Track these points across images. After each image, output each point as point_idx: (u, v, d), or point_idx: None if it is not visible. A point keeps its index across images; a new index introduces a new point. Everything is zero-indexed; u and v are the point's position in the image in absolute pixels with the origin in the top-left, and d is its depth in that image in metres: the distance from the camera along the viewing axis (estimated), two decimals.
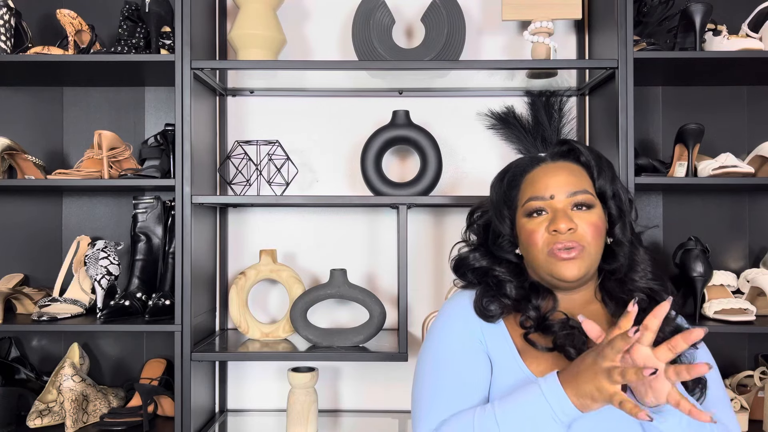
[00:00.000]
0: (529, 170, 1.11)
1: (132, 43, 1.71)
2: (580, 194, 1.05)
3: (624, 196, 1.10)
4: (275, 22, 1.71)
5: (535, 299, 1.07)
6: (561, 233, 1.02)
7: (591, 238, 1.03)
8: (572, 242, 1.02)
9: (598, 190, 1.08)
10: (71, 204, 1.91)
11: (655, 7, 1.71)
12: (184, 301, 1.59)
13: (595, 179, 1.09)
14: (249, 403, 1.90)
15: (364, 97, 1.90)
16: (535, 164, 1.12)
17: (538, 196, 1.06)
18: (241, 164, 1.78)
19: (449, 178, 1.89)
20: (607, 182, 1.09)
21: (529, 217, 1.07)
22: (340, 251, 1.90)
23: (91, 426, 1.68)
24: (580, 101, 1.89)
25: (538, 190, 1.07)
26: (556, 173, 1.07)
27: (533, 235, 1.05)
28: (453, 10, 1.68)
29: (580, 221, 1.04)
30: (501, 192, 1.14)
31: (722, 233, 1.89)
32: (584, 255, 1.03)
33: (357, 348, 1.64)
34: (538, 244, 1.05)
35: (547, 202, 1.06)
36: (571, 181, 1.06)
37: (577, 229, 1.03)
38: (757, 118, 1.89)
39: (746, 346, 1.87)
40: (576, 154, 1.11)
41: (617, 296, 1.08)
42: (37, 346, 1.90)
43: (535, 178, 1.09)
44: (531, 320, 1.05)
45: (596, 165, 1.09)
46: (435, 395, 1.03)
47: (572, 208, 1.05)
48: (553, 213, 1.05)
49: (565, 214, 1.04)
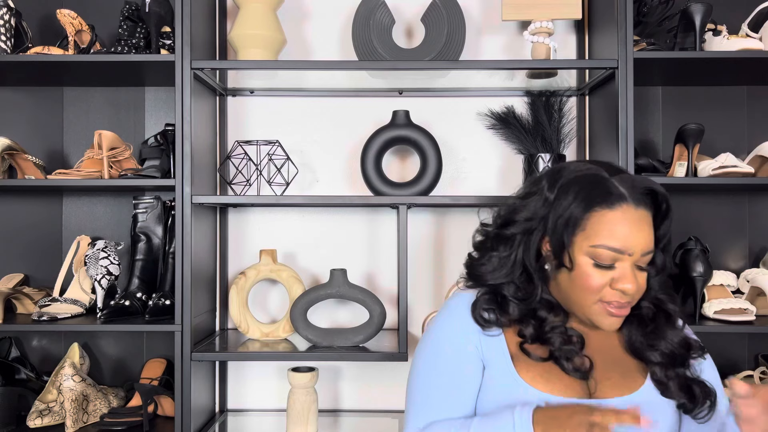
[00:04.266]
0: (604, 204, 0.96)
1: (132, 43, 1.71)
2: (649, 254, 0.98)
3: (670, 247, 1.05)
4: (275, 22, 1.71)
5: (544, 314, 1.02)
6: (627, 294, 0.96)
7: (641, 295, 1.00)
8: (629, 302, 0.98)
9: (656, 240, 1.00)
10: (71, 204, 1.91)
11: (655, 7, 1.71)
12: (184, 301, 1.59)
13: (659, 228, 1.01)
14: (249, 403, 1.90)
15: (364, 97, 1.90)
16: (614, 202, 0.96)
17: (618, 249, 0.95)
18: (241, 164, 1.78)
19: (449, 178, 1.89)
20: (668, 232, 1.02)
21: (597, 265, 0.97)
22: (340, 251, 1.90)
23: (91, 426, 1.68)
24: (580, 101, 1.89)
25: (620, 241, 0.95)
26: (641, 228, 0.96)
27: (593, 282, 0.97)
28: (453, 10, 1.69)
29: (641, 279, 0.98)
30: (559, 209, 0.99)
31: (722, 233, 1.89)
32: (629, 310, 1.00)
33: (357, 348, 1.64)
34: (592, 290, 0.97)
35: (624, 258, 0.96)
36: (649, 239, 0.97)
37: (638, 291, 0.98)
38: (757, 118, 1.89)
39: (746, 346, 1.87)
40: (655, 199, 1.00)
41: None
42: (37, 346, 1.90)
43: (617, 222, 0.96)
44: (530, 332, 1.02)
45: (667, 215, 1.01)
46: (426, 396, 1.03)
47: (638, 267, 0.98)
48: (622, 269, 0.97)
49: (633, 273, 0.97)
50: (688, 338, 1.05)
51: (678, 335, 1.03)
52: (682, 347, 1.03)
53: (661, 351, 1.02)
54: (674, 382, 1.01)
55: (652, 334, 1.03)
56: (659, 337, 1.03)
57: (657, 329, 1.04)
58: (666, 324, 1.04)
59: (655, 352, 1.02)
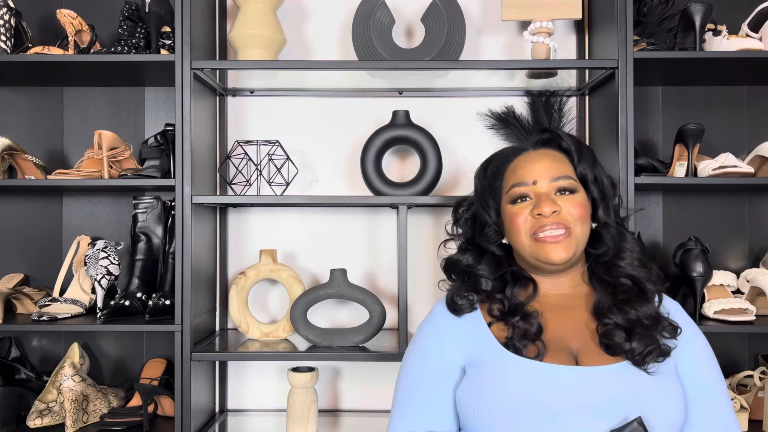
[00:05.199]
0: (512, 159, 1.14)
1: (132, 43, 1.71)
2: (563, 179, 1.08)
3: (605, 181, 1.12)
4: (275, 22, 1.71)
5: (511, 288, 1.09)
6: (545, 216, 1.05)
7: (575, 219, 1.06)
8: (557, 224, 1.05)
9: (580, 175, 1.11)
10: (71, 204, 1.91)
11: (655, 7, 1.71)
12: (184, 301, 1.59)
13: (576, 165, 1.11)
14: (249, 403, 1.90)
15: (364, 97, 1.90)
16: (517, 153, 1.15)
17: (522, 182, 1.09)
18: (241, 164, 1.78)
19: (449, 178, 1.89)
20: (588, 167, 1.11)
21: (513, 204, 1.10)
22: (340, 251, 1.90)
23: (91, 426, 1.68)
24: (580, 101, 1.89)
25: (521, 176, 1.10)
26: (539, 160, 1.11)
27: (516, 218, 1.08)
28: (453, 10, 1.69)
29: (564, 203, 1.06)
30: (485, 182, 1.17)
31: (722, 233, 1.89)
32: (570, 237, 1.05)
33: (357, 348, 1.64)
34: (521, 229, 1.07)
35: (530, 188, 1.08)
36: (553, 166, 1.09)
37: (561, 211, 1.05)
38: (757, 118, 1.89)
39: (746, 346, 1.87)
40: (557, 142, 1.14)
41: (603, 279, 1.10)
42: (37, 346, 1.90)
43: (518, 165, 1.12)
44: (498, 310, 1.08)
45: (576, 151, 1.12)
46: (406, 404, 1.08)
47: (555, 193, 1.08)
48: (536, 198, 1.07)
49: (548, 198, 1.06)
50: (660, 313, 1.06)
51: (651, 309, 1.05)
52: (651, 319, 1.03)
53: (626, 316, 1.03)
54: (619, 330, 1.02)
55: (622, 302, 1.05)
56: (628, 305, 1.04)
57: (629, 299, 1.05)
58: (639, 297, 1.06)
59: (620, 315, 1.03)
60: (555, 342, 1.03)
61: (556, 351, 1.02)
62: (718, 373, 1.08)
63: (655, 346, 1.00)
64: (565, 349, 1.03)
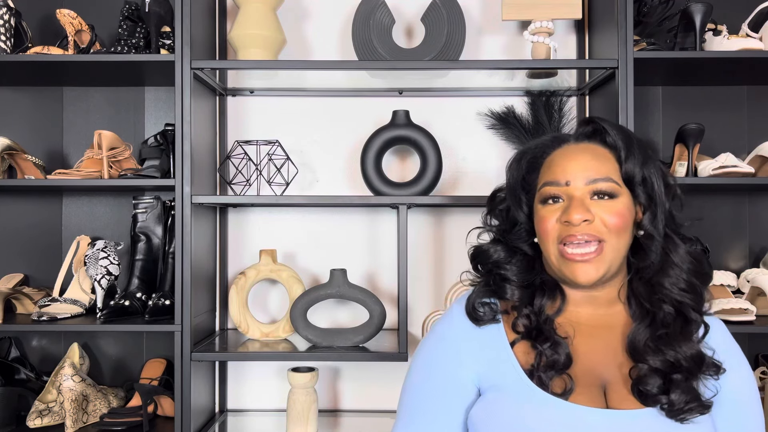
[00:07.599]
0: (549, 152, 1.00)
1: (132, 43, 1.71)
2: (602, 182, 0.93)
3: (657, 183, 0.95)
4: (275, 22, 1.71)
5: (540, 298, 0.96)
6: (574, 224, 0.91)
7: (610, 230, 0.92)
8: (587, 235, 0.91)
9: (625, 176, 0.95)
10: (71, 204, 1.91)
11: (655, 7, 1.71)
12: (184, 301, 1.59)
13: (623, 163, 0.95)
14: (249, 403, 1.90)
15: (364, 97, 1.90)
16: (556, 145, 1.00)
17: (554, 181, 0.95)
18: (241, 164, 1.78)
19: (449, 178, 1.89)
20: (637, 166, 0.95)
21: (544, 204, 0.96)
22: (340, 251, 1.90)
23: (91, 426, 1.68)
24: (580, 101, 1.89)
25: (554, 174, 0.96)
26: (577, 157, 0.96)
27: (544, 222, 0.95)
28: (453, 10, 1.68)
29: (599, 210, 0.92)
30: (519, 175, 1.03)
31: (722, 233, 1.89)
32: (602, 254, 0.92)
33: (357, 348, 1.64)
34: (550, 235, 0.94)
35: (562, 189, 0.94)
36: (592, 165, 0.94)
37: (594, 221, 0.91)
38: (757, 118, 1.89)
39: (746, 346, 1.87)
40: (602, 135, 0.98)
41: (641, 302, 0.96)
42: (37, 346, 1.90)
43: (554, 160, 0.98)
44: (523, 326, 0.96)
45: (624, 146, 0.95)
46: (411, 416, 0.99)
47: (591, 197, 0.93)
48: (568, 201, 0.94)
49: (581, 204, 0.92)
50: (703, 353, 0.92)
51: (692, 348, 0.91)
52: (692, 361, 0.90)
53: (664, 357, 0.90)
54: (655, 378, 0.89)
55: (660, 340, 0.91)
56: (668, 345, 0.91)
57: (669, 336, 0.92)
58: (681, 332, 0.92)
59: (657, 358, 0.90)
60: (584, 375, 0.92)
61: (585, 387, 0.91)
62: (760, 415, 0.97)
63: (696, 403, 0.87)
64: (593, 384, 0.92)
